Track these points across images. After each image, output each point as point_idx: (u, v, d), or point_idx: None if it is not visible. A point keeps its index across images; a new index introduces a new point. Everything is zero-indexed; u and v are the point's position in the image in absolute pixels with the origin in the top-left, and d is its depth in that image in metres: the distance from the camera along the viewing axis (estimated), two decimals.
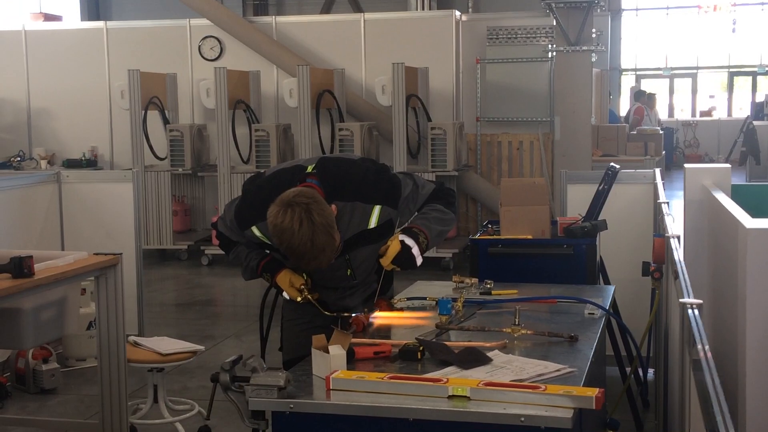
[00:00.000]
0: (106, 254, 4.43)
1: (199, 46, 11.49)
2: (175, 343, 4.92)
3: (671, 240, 2.82)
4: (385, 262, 3.22)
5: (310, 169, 3.22)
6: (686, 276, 2.34)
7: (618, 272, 5.42)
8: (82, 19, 15.86)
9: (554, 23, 10.12)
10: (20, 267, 3.84)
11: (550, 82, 10.52)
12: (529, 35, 10.65)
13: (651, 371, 5.41)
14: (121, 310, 4.43)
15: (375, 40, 11.00)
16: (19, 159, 11.65)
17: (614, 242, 5.68)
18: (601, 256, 5.26)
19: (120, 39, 11.77)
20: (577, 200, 5.74)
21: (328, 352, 2.60)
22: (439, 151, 9.64)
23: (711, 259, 5.99)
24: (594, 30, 10.59)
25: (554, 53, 10.33)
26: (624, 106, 22.06)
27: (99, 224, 6.59)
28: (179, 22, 11.64)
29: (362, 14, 11.21)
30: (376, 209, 3.22)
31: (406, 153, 9.74)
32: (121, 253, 4.46)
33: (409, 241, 3.21)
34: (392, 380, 2.49)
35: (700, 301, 1.97)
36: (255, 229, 3.25)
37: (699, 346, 1.75)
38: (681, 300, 2.00)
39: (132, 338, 4.89)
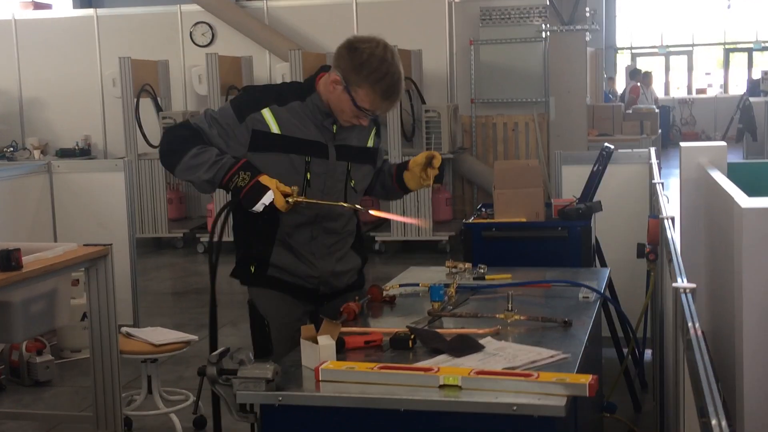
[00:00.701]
0: (96, 245, 4.39)
1: (191, 32, 11.42)
2: (168, 333, 4.88)
3: (665, 221, 2.78)
4: (434, 171, 3.23)
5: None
6: (680, 259, 2.30)
7: (615, 254, 5.38)
8: (74, 7, 15.73)
9: (547, 3, 10.05)
10: (8, 260, 3.80)
11: (544, 63, 10.46)
12: (522, 15, 10.57)
13: (649, 352, 5.38)
14: (112, 302, 4.39)
15: (368, 23, 10.92)
16: (12, 149, 11.59)
17: (610, 223, 5.63)
18: (597, 238, 5.21)
19: (111, 26, 11.69)
20: (572, 181, 5.68)
21: (317, 342, 2.56)
22: (433, 133, 9.59)
23: (708, 238, 5.96)
24: (587, 9, 10.54)
25: (548, 33, 10.26)
26: (620, 86, 21.99)
27: (91, 214, 6.53)
28: (170, 9, 11.56)
29: None
30: (373, 132, 3.29)
31: (401, 136, 9.68)
32: (111, 244, 4.42)
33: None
34: (382, 370, 2.45)
35: (693, 285, 1.93)
36: (267, 113, 3.04)
37: (690, 327, 1.71)
38: (674, 284, 1.95)
39: (125, 329, 4.85)
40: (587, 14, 10.37)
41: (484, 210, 4.91)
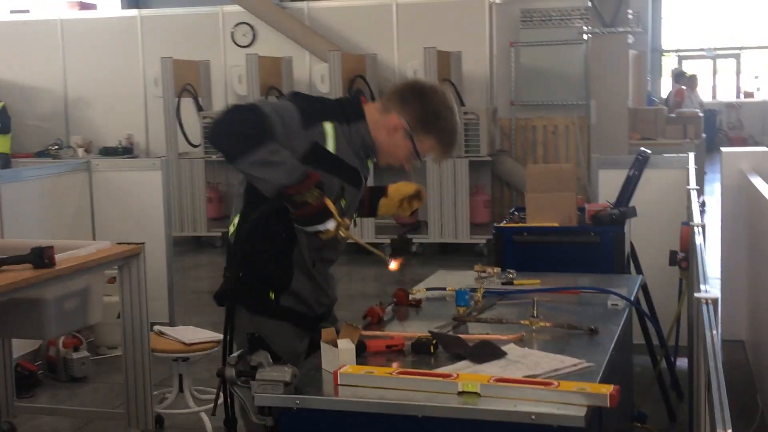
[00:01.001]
0: (128, 244, 4.42)
1: (232, 33, 11.49)
2: (200, 332, 4.90)
3: (694, 229, 2.73)
4: (420, 204, 3.21)
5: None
6: (705, 268, 2.25)
7: (652, 260, 5.30)
8: (123, 7, 15.91)
9: (589, 4, 9.96)
10: (41, 257, 3.84)
11: (585, 65, 10.36)
12: (563, 17, 10.48)
13: (684, 360, 5.30)
14: (144, 300, 4.42)
15: (408, 24, 10.92)
16: (56, 147, 11.75)
17: (647, 230, 5.56)
18: (633, 244, 5.15)
19: (154, 27, 11.81)
20: (609, 186, 5.61)
21: (337, 346, 2.55)
22: (472, 136, 9.55)
23: (749, 246, 5.87)
24: (630, 11, 10.42)
25: (589, 35, 10.17)
26: (665, 89, 21.71)
27: (129, 212, 6.61)
28: (212, 9, 11.64)
29: None
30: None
31: None
32: (143, 243, 4.45)
33: None
34: (401, 375, 2.43)
35: (715, 296, 1.89)
36: (329, 127, 2.88)
37: (708, 337, 1.68)
38: (696, 294, 1.91)
39: (157, 328, 4.89)
40: (629, 16, 10.24)
41: (516, 213, 4.88)
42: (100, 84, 11.88)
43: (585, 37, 10.29)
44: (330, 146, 2.87)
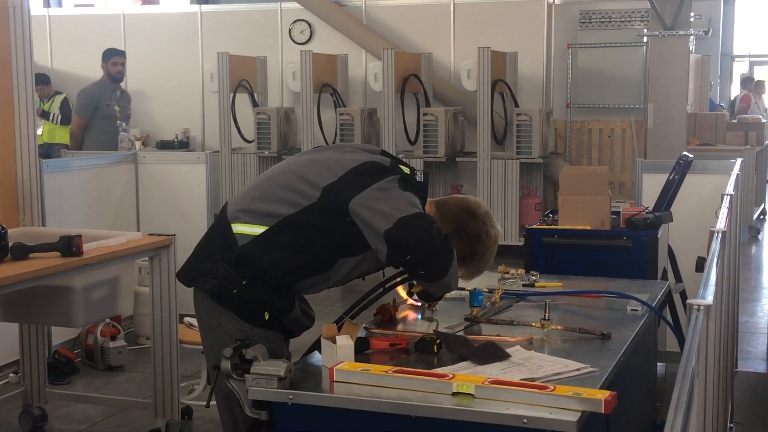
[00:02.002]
0: (160, 235, 4.45)
1: (290, 30, 11.53)
2: None
3: (715, 234, 2.64)
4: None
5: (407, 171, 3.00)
6: (712, 274, 2.17)
7: (691, 267, 5.16)
8: (191, 2, 16.08)
9: (649, 6, 9.76)
10: (69, 246, 3.89)
11: (644, 68, 10.16)
12: (623, 19, 10.30)
13: None
14: (174, 291, 4.44)
15: (465, 24, 10.83)
16: None
17: (689, 236, 5.42)
18: (672, 250, 5.03)
19: (214, 23, 11.90)
20: (654, 191, 5.49)
21: (336, 342, 2.52)
22: (524, 137, 9.43)
23: None
24: (693, 13, 10.18)
25: (649, 38, 9.97)
26: (734, 94, 21.20)
27: (174, 205, 6.67)
28: (270, 6, 11.70)
29: None
30: None
31: (491, 139, 9.56)
32: (174, 234, 4.47)
33: None
34: (397, 374, 2.40)
35: (708, 303, 1.81)
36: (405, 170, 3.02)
37: (689, 343, 1.61)
38: (689, 300, 1.84)
39: (187, 319, 4.90)
40: (692, 19, 10.00)
41: (551, 216, 4.79)
42: (159, 78, 12.01)
43: (645, 39, 10.09)
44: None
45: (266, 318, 2.85)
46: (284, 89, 11.41)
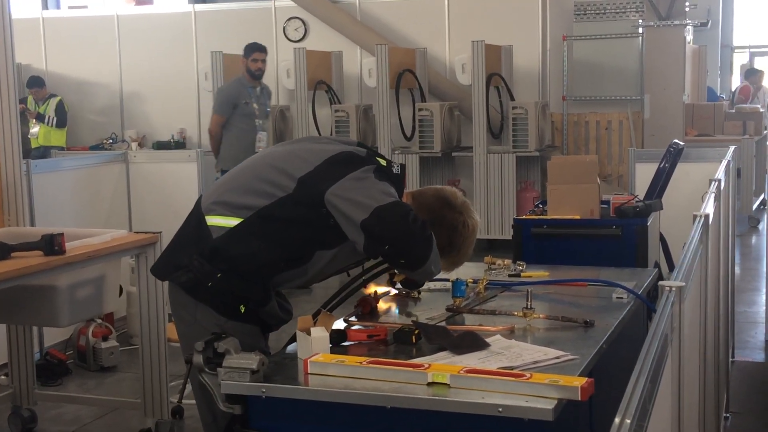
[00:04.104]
0: (145, 233, 4.41)
1: (284, 28, 11.49)
2: None
3: (696, 219, 2.59)
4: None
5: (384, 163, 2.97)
6: (687, 258, 2.12)
7: None
8: (189, 2, 16.04)
9: None
10: (51, 244, 3.85)
11: (640, 59, 10.11)
12: (618, 10, 10.25)
13: None
14: (161, 290, 4.40)
15: (460, 18, 10.78)
16: (111, 141, 11.90)
17: (683, 225, 5.36)
18: (664, 238, 4.98)
19: (208, 22, 11.87)
20: (647, 180, 5.45)
21: (310, 334, 2.48)
22: (520, 130, 9.37)
23: None
24: (688, 3, 10.14)
25: (644, 28, 9.92)
26: (735, 85, 21.10)
27: (166, 204, 6.63)
28: (264, 4, 11.66)
29: None
30: None
31: (487, 133, 9.51)
32: (160, 232, 4.43)
33: None
34: (371, 365, 2.35)
35: (682, 284, 1.76)
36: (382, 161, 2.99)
37: (657, 325, 1.57)
38: (660, 282, 1.80)
39: None
40: (686, 8, 9.96)
41: (540, 206, 4.74)
42: (154, 79, 11.98)
43: (640, 30, 10.04)
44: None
45: (242, 311, 2.79)
46: (279, 87, 11.36)
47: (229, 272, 2.76)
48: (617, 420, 1.23)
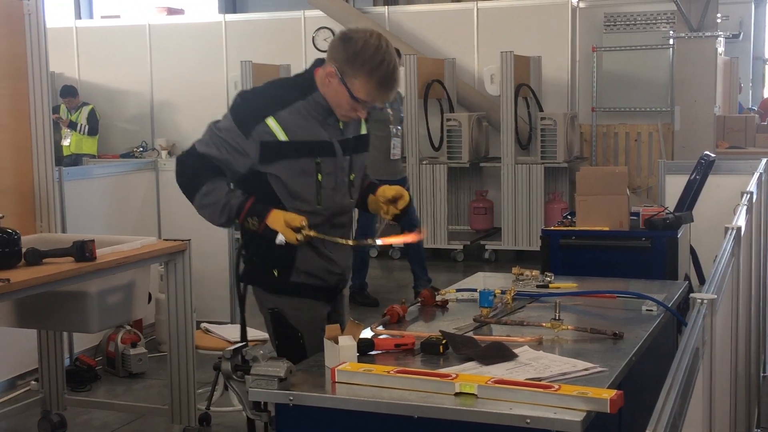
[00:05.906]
0: (174, 240, 4.44)
1: (313, 38, 11.56)
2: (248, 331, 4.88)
3: (728, 231, 2.57)
4: (394, 211, 3.13)
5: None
6: (719, 270, 2.11)
7: None
8: (220, 12, 16.18)
9: (674, 8, 9.66)
10: (82, 251, 3.89)
11: (670, 71, 10.05)
12: (648, 21, 10.21)
13: None
14: (189, 296, 4.43)
15: (489, 29, 10.79)
16: (141, 149, 12.00)
17: (714, 237, 5.32)
18: (694, 251, 4.95)
19: (238, 32, 11.96)
20: (677, 192, 5.41)
21: (338, 342, 2.48)
22: (549, 141, 9.36)
23: None
24: (719, 15, 10.06)
25: (675, 40, 9.86)
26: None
27: (195, 211, 6.61)
28: (294, 14, 11.74)
29: (476, 3, 10.98)
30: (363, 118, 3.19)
31: (515, 143, 9.50)
32: (189, 240, 4.47)
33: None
34: (399, 375, 2.35)
35: (713, 297, 1.75)
36: (272, 122, 2.93)
37: (690, 338, 1.55)
38: (692, 295, 1.78)
39: (204, 325, 4.90)
40: (718, 20, 9.88)
41: (569, 217, 4.73)
42: (185, 87, 12.08)
43: (670, 41, 9.98)
44: (281, 136, 2.94)
45: (276, 275, 3.01)
46: None
47: (252, 245, 3.05)
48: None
